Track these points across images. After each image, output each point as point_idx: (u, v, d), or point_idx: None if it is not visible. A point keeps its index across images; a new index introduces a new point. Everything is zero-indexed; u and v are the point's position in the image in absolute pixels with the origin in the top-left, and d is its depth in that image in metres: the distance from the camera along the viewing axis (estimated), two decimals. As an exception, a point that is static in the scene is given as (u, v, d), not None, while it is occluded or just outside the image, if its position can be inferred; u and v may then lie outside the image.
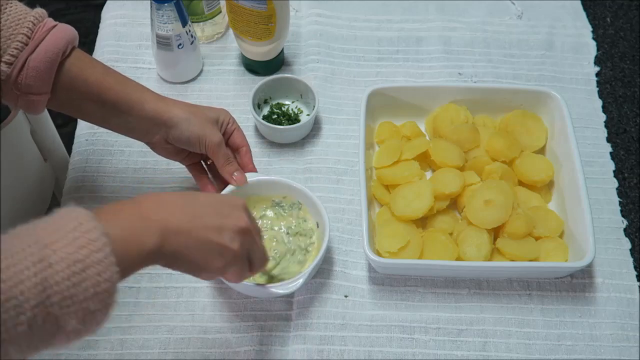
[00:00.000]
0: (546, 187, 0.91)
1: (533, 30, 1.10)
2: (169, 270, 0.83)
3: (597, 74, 1.06)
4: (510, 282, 0.85)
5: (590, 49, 1.09)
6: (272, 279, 0.82)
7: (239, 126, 0.85)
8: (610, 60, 1.08)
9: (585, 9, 1.14)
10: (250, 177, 0.84)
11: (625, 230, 0.90)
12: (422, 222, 0.88)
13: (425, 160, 0.93)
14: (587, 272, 0.86)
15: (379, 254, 0.82)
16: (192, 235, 0.60)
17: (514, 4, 1.14)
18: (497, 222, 0.84)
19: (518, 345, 0.81)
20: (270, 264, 0.81)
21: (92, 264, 0.49)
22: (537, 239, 0.85)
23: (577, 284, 0.85)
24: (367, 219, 0.82)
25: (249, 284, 0.77)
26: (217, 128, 0.81)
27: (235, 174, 0.82)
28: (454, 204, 0.90)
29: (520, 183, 0.91)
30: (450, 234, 0.86)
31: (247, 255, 0.66)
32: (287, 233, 0.85)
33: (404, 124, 0.96)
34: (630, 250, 0.88)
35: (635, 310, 0.84)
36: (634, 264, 0.87)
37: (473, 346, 0.81)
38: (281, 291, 0.77)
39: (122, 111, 0.77)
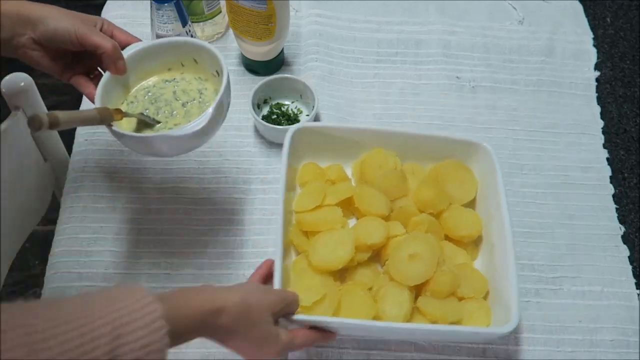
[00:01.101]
0: (473, 243, 0.86)
1: (534, 36, 1.10)
2: (167, 271, 0.85)
3: (597, 76, 1.06)
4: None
5: (591, 55, 1.09)
6: None
7: (118, 27, 0.79)
8: (610, 61, 1.08)
9: (585, 9, 1.14)
10: (136, 47, 0.79)
11: (623, 237, 0.90)
12: (341, 274, 0.82)
13: (349, 207, 0.87)
14: (586, 280, 0.86)
15: None
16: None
17: (515, 8, 1.14)
18: (421, 279, 0.78)
19: (517, 351, 0.81)
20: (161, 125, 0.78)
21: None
22: (460, 299, 0.80)
23: (577, 291, 0.86)
24: (282, 269, 0.75)
25: (169, 132, 0.73)
26: (91, 25, 0.75)
27: (117, 62, 0.75)
28: (376, 255, 0.84)
29: (447, 237, 0.86)
30: (370, 288, 0.80)
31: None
32: (174, 92, 0.80)
33: (330, 167, 0.90)
34: (629, 257, 0.88)
35: (635, 316, 0.84)
36: (633, 271, 0.87)
37: (473, 351, 0.81)
38: (197, 127, 0.71)
39: None
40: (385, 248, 0.83)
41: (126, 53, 0.77)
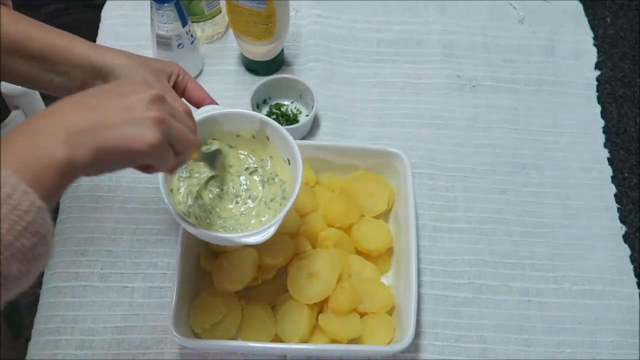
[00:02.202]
0: (385, 255, 0.85)
1: (534, 35, 1.10)
2: (163, 270, 0.85)
3: (597, 75, 1.06)
4: (509, 287, 0.85)
5: (591, 55, 1.09)
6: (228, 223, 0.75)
7: (193, 79, 0.76)
8: (610, 61, 1.09)
9: (585, 9, 1.14)
10: (210, 111, 0.74)
11: (624, 236, 0.90)
12: (247, 292, 0.80)
13: None
14: (587, 280, 0.86)
15: (192, 330, 0.76)
16: (103, 125, 0.51)
17: (515, 8, 1.13)
18: (319, 297, 0.77)
19: (517, 352, 0.81)
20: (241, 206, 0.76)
21: (2, 203, 0.43)
22: (363, 315, 0.79)
23: (578, 290, 0.85)
24: (179, 288, 0.75)
25: (221, 234, 0.70)
26: (164, 79, 0.71)
27: None
28: (285, 272, 0.81)
29: (357, 251, 0.84)
30: (274, 307, 0.80)
31: (171, 119, 0.57)
32: (255, 176, 0.78)
33: None
34: (630, 257, 0.88)
35: (635, 316, 0.84)
36: (634, 270, 0.87)
37: (472, 352, 0.81)
38: (252, 240, 0.68)
39: (50, 62, 0.68)
40: (291, 265, 0.80)
41: (199, 115, 0.72)
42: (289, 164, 0.76)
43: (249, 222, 0.75)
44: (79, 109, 0.52)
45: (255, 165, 0.78)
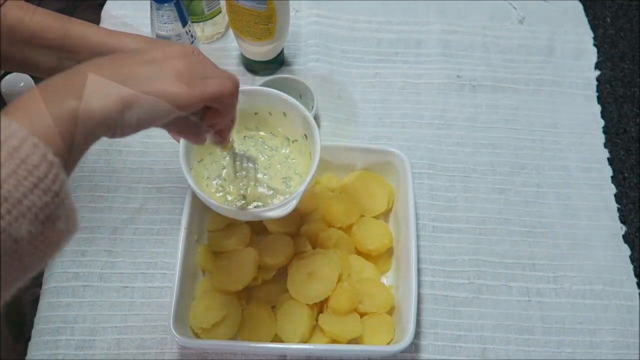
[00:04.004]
0: (385, 255, 0.85)
1: (534, 35, 1.10)
2: (163, 270, 0.84)
3: (597, 75, 1.06)
4: (509, 287, 0.85)
5: (591, 55, 1.09)
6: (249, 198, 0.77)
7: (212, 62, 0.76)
8: (610, 61, 1.08)
9: (585, 9, 1.14)
10: None
11: (624, 236, 0.90)
12: (248, 292, 0.81)
13: (261, 224, 0.84)
14: (587, 280, 0.86)
15: (192, 330, 0.77)
16: (128, 76, 0.49)
17: (515, 8, 1.14)
18: (319, 297, 0.77)
19: (517, 352, 0.81)
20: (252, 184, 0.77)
21: (10, 156, 0.39)
22: (363, 315, 0.79)
23: (578, 290, 0.85)
24: (179, 288, 0.75)
25: (243, 210, 0.71)
26: None
27: None
28: (285, 272, 0.81)
29: (357, 251, 0.84)
30: (274, 307, 0.80)
31: (204, 74, 0.56)
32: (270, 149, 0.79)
33: None
34: (630, 257, 0.88)
35: (635, 317, 0.83)
36: (634, 270, 0.87)
37: (472, 352, 0.80)
38: (273, 214, 0.70)
39: (68, 51, 0.67)
40: (291, 265, 0.80)
41: None
42: (306, 139, 0.78)
43: (268, 201, 0.76)
44: (98, 68, 0.49)
45: (273, 144, 0.80)
